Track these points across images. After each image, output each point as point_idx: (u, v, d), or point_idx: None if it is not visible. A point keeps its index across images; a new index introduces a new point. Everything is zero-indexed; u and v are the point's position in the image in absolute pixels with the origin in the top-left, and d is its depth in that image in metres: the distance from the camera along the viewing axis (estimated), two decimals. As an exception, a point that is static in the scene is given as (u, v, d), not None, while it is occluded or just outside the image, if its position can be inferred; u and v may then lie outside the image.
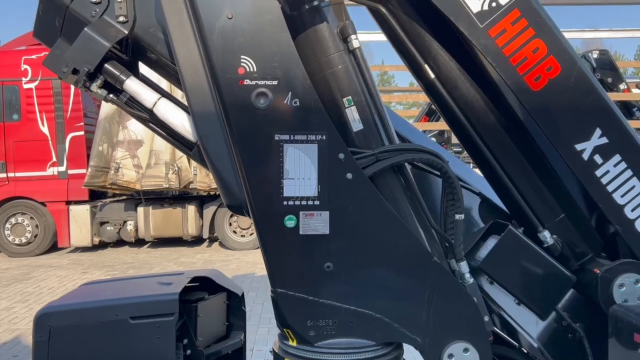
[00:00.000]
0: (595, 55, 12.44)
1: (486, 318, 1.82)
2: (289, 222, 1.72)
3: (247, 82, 1.69)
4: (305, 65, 1.83)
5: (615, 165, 1.81)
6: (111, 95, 2.05)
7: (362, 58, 1.84)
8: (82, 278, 8.25)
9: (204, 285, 2.28)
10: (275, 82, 1.70)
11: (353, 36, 1.80)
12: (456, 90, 1.91)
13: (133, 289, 2.24)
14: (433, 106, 9.78)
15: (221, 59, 1.69)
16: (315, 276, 1.75)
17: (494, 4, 1.75)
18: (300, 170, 1.72)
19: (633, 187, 1.82)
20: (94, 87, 2.01)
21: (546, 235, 1.90)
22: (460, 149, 11.13)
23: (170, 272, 3.44)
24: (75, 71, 1.98)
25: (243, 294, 2.38)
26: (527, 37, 1.76)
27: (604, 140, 1.80)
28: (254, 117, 1.70)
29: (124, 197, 10.85)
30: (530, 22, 1.76)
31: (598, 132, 1.80)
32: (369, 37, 15.56)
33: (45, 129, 10.38)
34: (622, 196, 1.82)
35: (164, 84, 2.38)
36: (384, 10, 1.89)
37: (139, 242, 10.79)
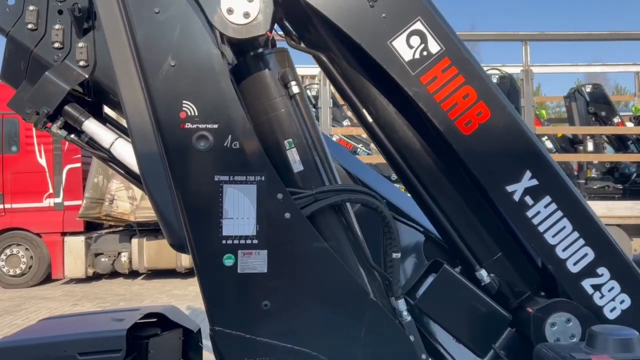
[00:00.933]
0: (588, 89, 12.61)
1: (423, 356, 1.86)
2: (228, 260, 1.78)
3: (188, 125, 1.77)
4: (249, 109, 1.92)
5: (545, 207, 1.87)
6: (72, 136, 2.15)
7: (303, 103, 1.93)
8: (72, 310, 8.26)
9: (162, 321, 2.32)
10: (215, 126, 1.78)
11: (293, 82, 1.89)
12: (394, 133, 1.98)
13: (87, 325, 2.29)
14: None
15: (164, 103, 1.78)
16: (252, 314, 1.79)
17: (425, 53, 1.84)
18: (239, 210, 1.79)
19: (564, 227, 1.87)
20: (55, 128, 2.11)
21: (483, 274, 1.94)
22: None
23: (127, 308, 3.48)
24: (37, 112, 2.09)
25: (199, 330, 2.42)
26: (458, 83, 1.85)
27: (534, 182, 1.86)
28: (194, 159, 1.78)
29: (120, 228, 10.92)
30: (460, 69, 1.85)
31: (528, 174, 1.86)
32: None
33: (42, 161, 10.53)
34: (553, 236, 1.87)
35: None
36: (324, 57, 1.99)
37: (133, 274, 10.80)
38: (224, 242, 1.78)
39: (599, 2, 59.98)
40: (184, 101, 1.78)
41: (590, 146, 12.16)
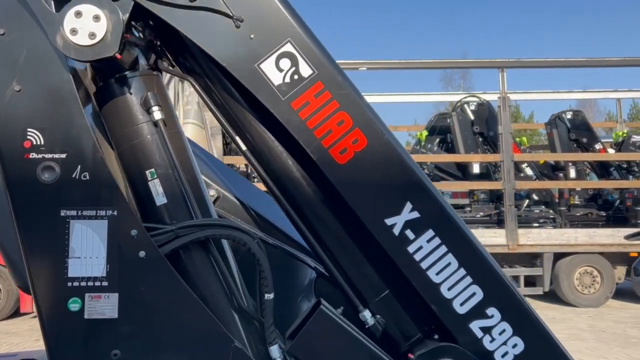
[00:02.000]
0: (569, 116, 12.58)
1: (298, 408, 1.68)
2: (73, 305, 1.61)
3: (33, 155, 1.63)
4: (112, 136, 1.79)
5: (428, 241, 1.71)
6: None
7: (170, 129, 1.79)
8: (34, 346, 7.98)
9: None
10: (63, 156, 1.64)
11: (155, 107, 1.75)
12: (272, 162, 1.84)
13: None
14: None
15: (6, 131, 1.64)
16: (100, 364, 1.62)
17: (296, 77, 1.71)
18: (87, 248, 1.63)
19: (449, 264, 1.71)
20: None
21: (366, 315, 1.78)
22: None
23: (4, 353, 3.28)
24: None
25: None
26: (332, 109, 1.71)
27: (416, 214, 1.71)
28: (38, 192, 1.63)
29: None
30: (334, 94, 1.71)
31: (409, 206, 1.71)
32: (370, 98, 15.95)
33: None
34: (437, 274, 1.71)
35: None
36: (193, 82, 1.85)
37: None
38: (69, 284, 1.62)
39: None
40: (28, 129, 1.64)
41: (572, 173, 12.06)
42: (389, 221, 1.70)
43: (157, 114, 1.75)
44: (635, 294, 10.61)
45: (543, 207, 11.26)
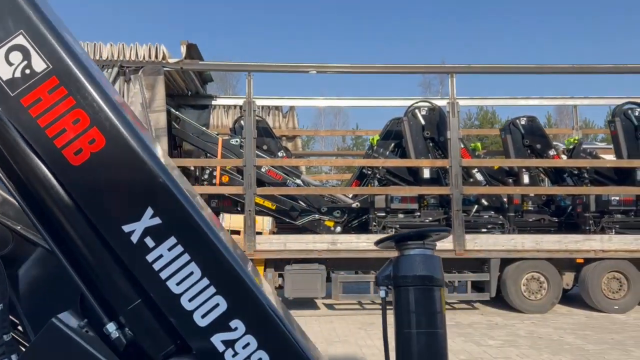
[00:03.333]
0: (523, 122, 12.62)
1: None
2: None
3: None
4: None
5: (170, 249, 1.60)
6: None
7: None
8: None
9: None
10: None
11: None
12: (17, 163, 1.71)
13: None
14: (364, 170, 9.71)
15: None
16: None
17: (27, 71, 1.59)
18: None
19: (191, 273, 1.60)
20: None
21: (109, 328, 1.66)
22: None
23: None
24: None
25: None
26: (67, 107, 1.60)
27: (157, 220, 1.60)
28: None
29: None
30: (71, 91, 1.60)
31: (150, 211, 1.60)
32: (345, 102, 15.89)
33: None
34: (177, 284, 1.60)
35: None
36: None
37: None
38: None
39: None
40: None
41: (526, 179, 12.10)
42: (127, 228, 1.59)
43: None
44: (584, 301, 10.65)
45: (492, 212, 11.25)
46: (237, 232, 10.25)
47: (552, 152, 12.39)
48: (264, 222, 10.39)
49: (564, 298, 10.76)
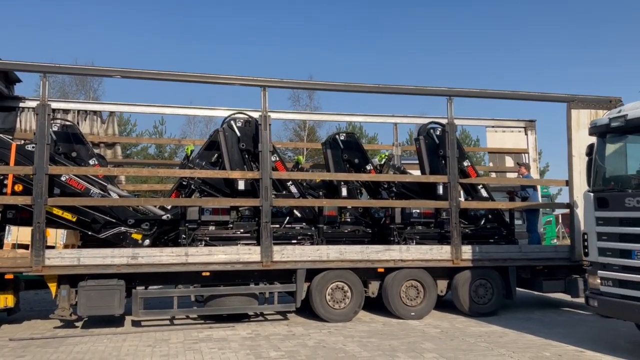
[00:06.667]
0: (342, 138, 13.12)
1: None
2: None
3: None
4: None
5: None
6: None
7: None
8: None
9: None
10: None
11: None
12: None
13: None
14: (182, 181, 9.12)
15: None
16: None
17: None
18: None
19: None
20: None
21: None
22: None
23: None
24: None
25: None
26: None
27: None
28: None
29: None
30: None
31: None
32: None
33: None
34: None
35: None
36: None
37: None
38: None
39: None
40: None
41: (344, 191, 12.56)
42: None
43: None
44: (386, 308, 11.23)
45: (304, 224, 11.51)
46: (27, 247, 9.46)
47: (369, 167, 13.02)
48: (57, 235, 9.68)
49: (438, 303, 11.15)
